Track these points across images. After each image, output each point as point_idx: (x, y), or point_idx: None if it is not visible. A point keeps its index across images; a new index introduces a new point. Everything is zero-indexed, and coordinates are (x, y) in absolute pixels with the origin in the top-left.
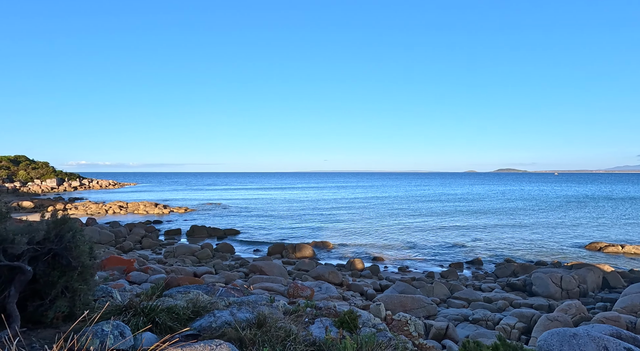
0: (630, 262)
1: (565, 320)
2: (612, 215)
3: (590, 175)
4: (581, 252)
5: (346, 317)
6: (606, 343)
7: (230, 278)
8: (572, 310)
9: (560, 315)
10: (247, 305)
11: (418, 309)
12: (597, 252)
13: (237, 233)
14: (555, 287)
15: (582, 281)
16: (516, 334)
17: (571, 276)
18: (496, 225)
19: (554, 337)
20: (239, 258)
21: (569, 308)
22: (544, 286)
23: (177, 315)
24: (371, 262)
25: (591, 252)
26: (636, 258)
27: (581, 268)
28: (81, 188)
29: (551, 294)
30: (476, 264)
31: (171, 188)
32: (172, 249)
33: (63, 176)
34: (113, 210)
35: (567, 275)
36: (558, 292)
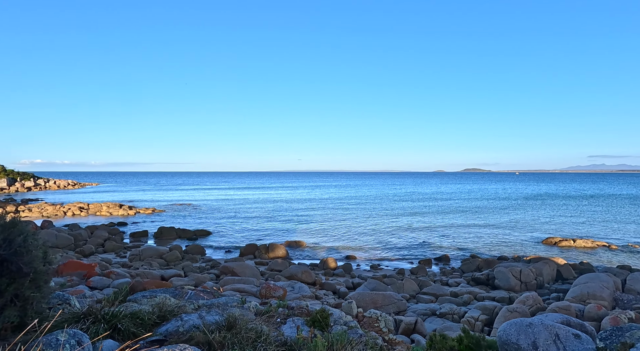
0: (580, 254)
1: (523, 311)
2: (565, 212)
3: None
4: (538, 246)
5: (318, 316)
6: (557, 331)
7: (200, 280)
8: (529, 301)
9: (519, 306)
10: (217, 307)
11: (389, 305)
12: (552, 246)
13: (209, 234)
14: (515, 280)
15: (538, 274)
16: (479, 326)
17: (529, 270)
18: (462, 223)
19: (512, 327)
20: (210, 259)
21: (526, 299)
22: (505, 280)
23: (141, 321)
24: (344, 260)
25: (547, 246)
26: (586, 251)
27: (538, 261)
28: (36, 188)
29: (512, 287)
30: (444, 260)
31: (138, 188)
32: (137, 252)
33: (15, 176)
34: (72, 211)
35: (526, 269)
36: (518, 285)
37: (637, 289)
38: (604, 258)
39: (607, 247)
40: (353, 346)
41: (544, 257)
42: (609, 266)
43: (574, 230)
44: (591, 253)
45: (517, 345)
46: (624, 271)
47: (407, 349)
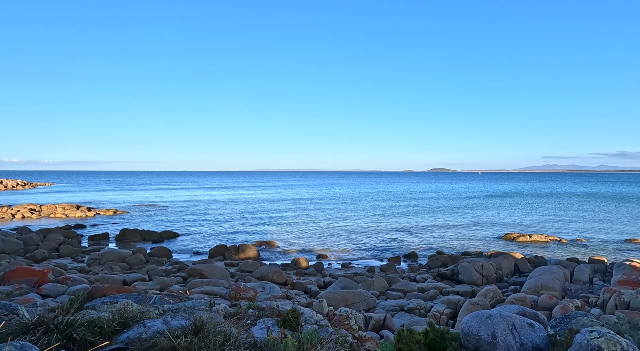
0: (535, 248)
1: (484, 304)
2: (522, 209)
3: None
4: (498, 242)
5: (289, 316)
6: (514, 321)
7: (166, 284)
8: (490, 294)
9: (480, 299)
10: (183, 311)
11: (359, 303)
12: (510, 241)
13: (176, 236)
14: (478, 274)
15: (498, 268)
16: (445, 319)
17: (490, 264)
18: (430, 220)
19: (473, 319)
20: (177, 262)
21: (487, 292)
22: (468, 274)
23: (100, 329)
24: (316, 259)
25: (506, 241)
26: (540, 245)
27: (498, 256)
28: None
29: (474, 281)
30: (412, 257)
31: (98, 188)
32: (97, 256)
33: None
34: (22, 214)
35: (487, 263)
36: (480, 279)
37: (583, 279)
38: (556, 252)
39: (559, 241)
40: (323, 345)
41: (503, 252)
42: (559, 259)
43: (530, 226)
44: (545, 247)
45: (478, 336)
46: (572, 263)
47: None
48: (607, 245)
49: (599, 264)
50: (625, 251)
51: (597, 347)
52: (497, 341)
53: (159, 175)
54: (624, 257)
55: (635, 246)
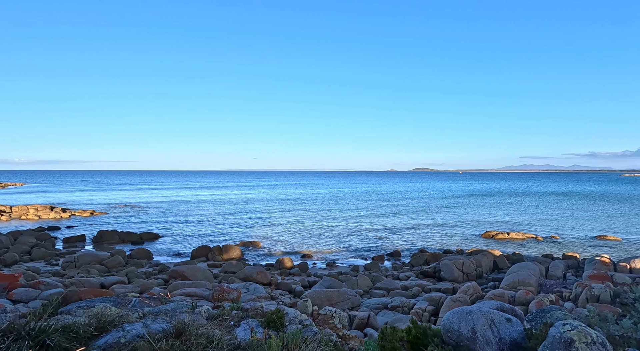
0: (513, 246)
1: (465, 300)
2: (501, 208)
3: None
4: (478, 239)
5: (273, 316)
6: (492, 316)
7: (146, 286)
8: (470, 291)
9: (461, 296)
10: (164, 314)
11: (343, 302)
12: (490, 239)
13: (157, 237)
14: (458, 272)
15: (478, 265)
16: (427, 316)
17: (470, 262)
18: (413, 219)
19: (454, 316)
20: (158, 264)
21: (467, 289)
22: (449, 272)
23: (76, 334)
24: (300, 259)
25: (486, 239)
26: (518, 243)
27: (478, 253)
28: None
29: (455, 278)
30: (395, 256)
31: (74, 188)
32: (73, 259)
33: None
34: None
35: (467, 261)
36: (460, 276)
37: (557, 275)
38: (532, 249)
39: (535, 238)
40: (307, 345)
41: (482, 250)
42: (536, 256)
43: (508, 224)
44: (522, 245)
45: (458, 332)
46: (547, 259)
47: (360, 343)
48: (580, 241)
49: (572, 260)
50: (596, 247)
51: (570, 339)
52: (476, 337)
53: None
54: (595, 253)
55: (604, 242)
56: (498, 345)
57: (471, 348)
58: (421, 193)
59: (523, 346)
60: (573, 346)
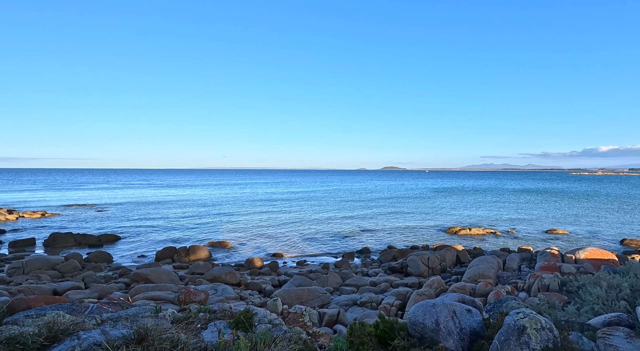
0: (474, 240)
1: (430, 294)
2: (464, 205)
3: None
4: (443, 235)
5: (241, 317)
6: (454, 308)
7: (105, 291)
8: (435, 285)
9: (426, 290)
10: (125, 319)
11: (313, 299)
12: (453, 234)
13: (117, 239)
14: (424, 267)
15: (442, 260)
16: (394, 311)
17: (435, 256)
18: (382, 217)
19: (419, 309)
20: (119, 267)
21: (432, 283)
22: (416, 267)
23: (23, 346)
24: (270, 258)
25: (449, 234)
26: (479, 237)
27: (442, 249)
28: None
29: (421, 273)
30: (365, 253)
31: (22, 187)
32: (20, 264)
33: None
34: None
35: (432, 256)
36: (426, 271)
37: (513, 267)
38: (491, 243)
39: (494, 233)
40: (277, 344)
41: (447, 245)
42: (494, 250)
43: (470, 220)
44: (482, 239)
45: (423, 324)
46: (505, 253)
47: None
48: (533, 235)
49: (526, 253)
50: (547, 240)
51: (522, 326)
52: (439, 328)
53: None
54: (546, 246)
55: (555, 236)
56: (459, 335)
57: (435, 339)
58: (390, 192)
59: (482, 335)
60: (525, 333)
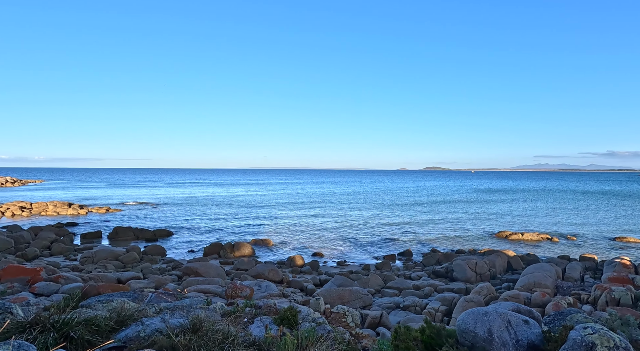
0: (527, 246)
1: (479, 301)
2: (515, 208)
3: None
4: (491, 239)
5: (286, 314)
6: (509, 318)
7: (161, 282)
8: (484, 291)
9: (475, 297)
10: (180, 309)
11: (355, 300)
12: (503, 239)
13: (170, 234)
14: (471, 272)
15: (492, 266)
16: (440, 316)
17: (483, 262)
18: (424, 218)
19: (469, 316)
20: (172, 260)
21: (481, 289)
22: (462, 272)
23: (97, 327)
24: (311, 257)
25: (499, 239)
26: (532, 243)
27: (491, 254)
28: None
29: (468, 278)
30: (406, 255)
31: (90, 185)
32: (90, 254)
33: None
34: (12, 211)
35: (481, 261)
36: (473, 276)
37: (575, 277)
38: (547, 250)
39: (550, 239)
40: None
41: (496, 250)
42: (551, 257)
43: (522, 224)
44: (536, 245)
45: (474, 333)
46: (564, 261)
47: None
48: (597, 243)
49: (590, 262)
50: (614, 249)
51: (592, 343)
52: (493, 338)
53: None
54: (614, 255)
55: (624, 244)
56: (515, 347)
57: (487, 349)
58: (432, 192)
59: (541, 349)
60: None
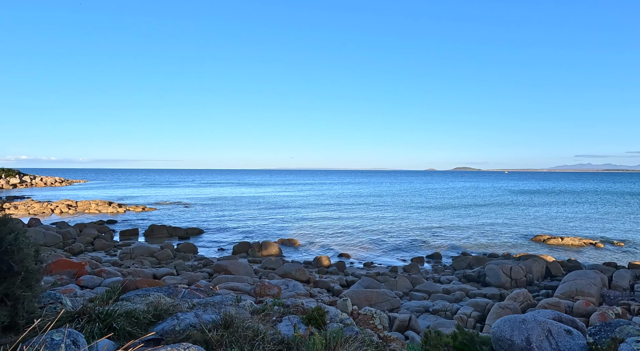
0: (568, 252)
1: (514, 308)
2: (553, 210)
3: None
4: (527, 244)
5: (314, 314)
6: (550, 327)
7: (193, 279)
8: (520, 298)
9: (510, 303)
10: (212, 306)
11: (383, 303)
12: (541, 243)
13: (201, 232)
14: (506, 277)
15: (528, 271)
16: (472, 322)
17: (519, 267)
18: (454, 220)
19: (506, 324)
20: (203, 258)
21: (517, 296)
22: (496, 277)
23: (136, 320)
24: (337, 258)
25: (536, 243)
26: (573, 249)
27: (528, 259)
28: (22, 185)
29: (502, 284)
30: (435, 258)
31: (126, 185)
32: (128, 250)
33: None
34: (60, 209)
35: (516, 266)
36: (508, 282)
37: (623, 285)
38: (591, 256)
39: (594, 244)
40: (350, 344)
41: (533, 255)
42: (595, 264)
43: (562, 228)
44: (578, 251)
45: (510, 341)
46: (610, 268)
47: (402, 346)
48: None
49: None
50: None
51: None
52: (531, 348)
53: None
54: None
55: None
56: None
57: None
58: (462, 193)
59: None
60: None
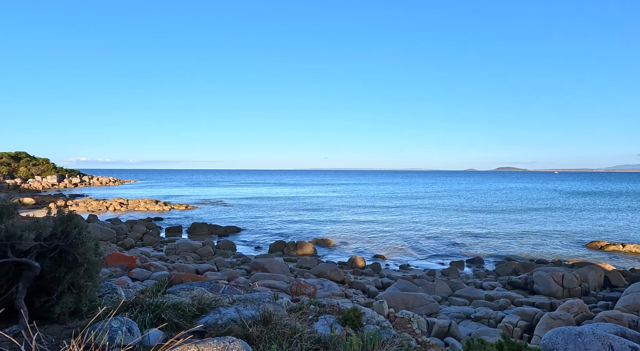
0: (631, 260)
1: (568, 319)
2: (612, 214)
3: (590, 174)
4: (582, 250)
5: (350, 314)
6: (611, 342)
7: (232, 275)
8: (574, 309)
9: (562, 314)
10: (251, 302)
11: (420, 307)
12: (597, 250)
13: (239, 230)
14: (557, 285)
15: (583, 280)
16: (518, 332)
17: (572, 275)
18: (497, 223)
19: (559, 336)
20: (241, 255)
21: (571, 306)
22: (545, 285)
23: (182, 312)
24: (372, 259)
25: (592, 250)
26: (637, 257)
27: (582, 266)
28: (81, 185)
29: (552, 292)
30: (477, 262)
31: (171, 184)
32: (173, 246)
33: (63, 173)
34: (114, 207)
35: (569, 274)
36: (560, 291)
37: None
38: None
39: None
40: (387, 347)
41: (588, 262)
42: None
43: (622, 234)
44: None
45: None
46: None
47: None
48: None
49: None
50: None
51: None
52: None
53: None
54: None
55: None
56: None
57: None
58: (507, 194)
59: None
60: None
